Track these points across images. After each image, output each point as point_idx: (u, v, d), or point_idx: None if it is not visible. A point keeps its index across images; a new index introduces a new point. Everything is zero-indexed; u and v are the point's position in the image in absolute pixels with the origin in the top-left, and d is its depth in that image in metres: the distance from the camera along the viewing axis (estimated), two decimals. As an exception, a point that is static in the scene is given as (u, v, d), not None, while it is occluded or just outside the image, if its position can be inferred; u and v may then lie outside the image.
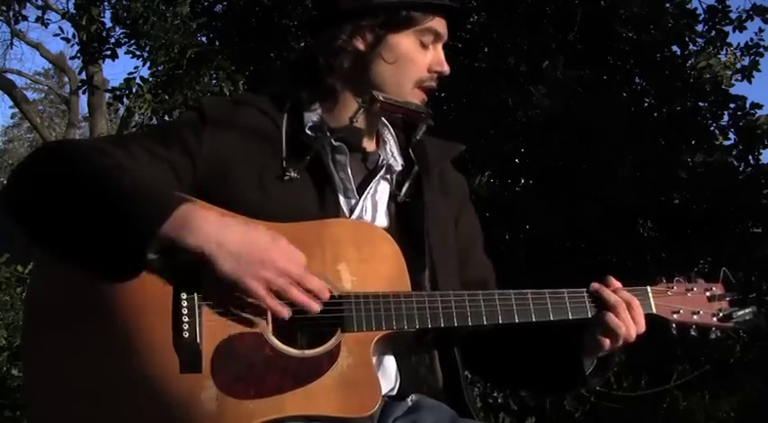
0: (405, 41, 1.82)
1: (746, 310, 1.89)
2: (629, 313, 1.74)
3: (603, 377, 1.90)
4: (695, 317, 1.85)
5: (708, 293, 1.89)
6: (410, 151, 1.93)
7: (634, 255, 5.42)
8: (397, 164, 1.90)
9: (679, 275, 1.89)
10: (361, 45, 1.82)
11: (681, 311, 1.84)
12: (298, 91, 1.88)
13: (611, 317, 1.73)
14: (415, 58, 1.83)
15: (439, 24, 1.85)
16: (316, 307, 1.57)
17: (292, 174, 1.75)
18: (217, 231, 1.50)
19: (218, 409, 1.51)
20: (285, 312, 1.55)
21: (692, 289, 1.88)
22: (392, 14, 1.81)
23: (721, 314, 1.88)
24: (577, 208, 5.28)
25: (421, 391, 1.78)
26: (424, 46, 1.84)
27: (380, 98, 1.80)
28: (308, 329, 1.61)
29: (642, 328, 1.76)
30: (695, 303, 1.87)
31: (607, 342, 1.74)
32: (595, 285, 1.78)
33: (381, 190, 1.86)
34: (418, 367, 1.83)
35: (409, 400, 1.75)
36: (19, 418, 5.73)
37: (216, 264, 1.50)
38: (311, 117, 1.85)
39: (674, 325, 1.85)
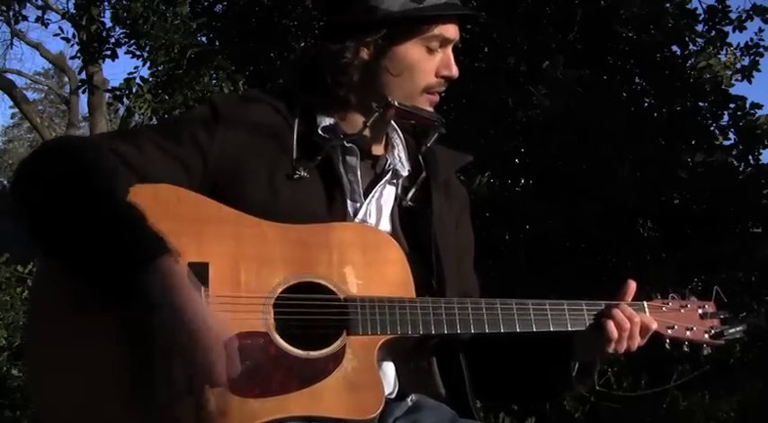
0: (411, 50, 1.80)
1: (737, 329, 1.95)
2: (638, 328, 1.79)
3: (587, 383, 1.92)
4: (688, 333, 1.91)
5: (700, 311, 1.95)
6: (420, 157, 1.93)
7: (634, 255, 5.43)
8: (404, 169, 1.90)
9: (673, 292, 1.94)
10: (366, 57, 1.80)
11: (675, 327, 1.90)
12: (309, 97, 1.86)
13: (615, 330, 1.77)
14: (421, 66, 1.81)
15: (445, 29, 1.82)
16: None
17: (302, 173, 1.75)
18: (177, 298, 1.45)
19: (223, 407, 1.51)
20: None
21: (686, 306, 1.93)
22: (396, 26, 1.79)
23: (713, 332, 1.94)
24: (577, 208, 5.28)
25: (420, 392, 1.80)
26: (431, 51, 1.82)
27: (396, 104, 1.80)
28: (313, 331, 1.61)
29: (642, 342, 1.82)
30: (689, 320, 1.92)
31: (609, 349, 1.78)
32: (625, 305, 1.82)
33: (387, 194, 1.87)
34: (417, 371, 1.84)
35: (409, 400, 1.76)
36: (19, 418, 5.72)
37: (156, 316, 1.44)
38: (324, 119, 1.84)
39: (667, 340, 1.90)
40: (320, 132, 1.82)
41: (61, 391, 1.52)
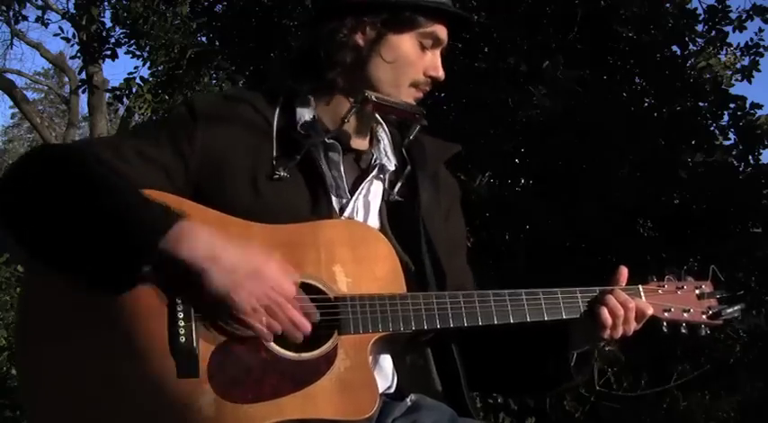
0: (405, 42, 1.81)
1: (735, 308, 1.92)
2: (633, 314, 1.78)
3: (586, 373, 1.91)
4: (686, 315, 1.88)
5: (697, 291, 1.92)
6: (404, 151, 1.92)
7: (634, 255, 5.41)
8: (391, 164, 1.89)
9: (669, 273, 1.91)
10: (360, 40, 1.81)
11: (672, 310, 1.87)
12: (294, 84, 1.86)
13: (609, 316, 1.76)
14: (413, 60, 1.82)
15: (440, 30, 1.84)
16: (299, 335, 1.56)
17: (282, 173, 1.73)
18: (211, 248, 1.50)
19: (216, 414, 1.51)
20: (268, 336, 1.55)
21: (683, 287, 1.91)
22: (396, 14, 1.80)
23: (711, 312, 1.91)
24: (577, 208, 5.27)
25: (418, 389, 1.79)
26: (423, 48, 1.83)
27: (373, 99, 1.80)
28: None
29: (638, 327, 1.80)
30: (685, 301, 1.90)
31: (605, 336, 1.77)
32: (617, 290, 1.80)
33: (374, 190, 1.86)
34: (414, 368, 1.83)
35: (408, 399, 1.75)
36: (19, 418, 5.73)
37: (208, 278, 1.49)
38: (304, 114, 1.83)
39: (665, 323, 1.87)
40: (299, 130, 1.81)
41: (54, 399, 1.52)
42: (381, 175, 1.87)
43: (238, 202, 1.68)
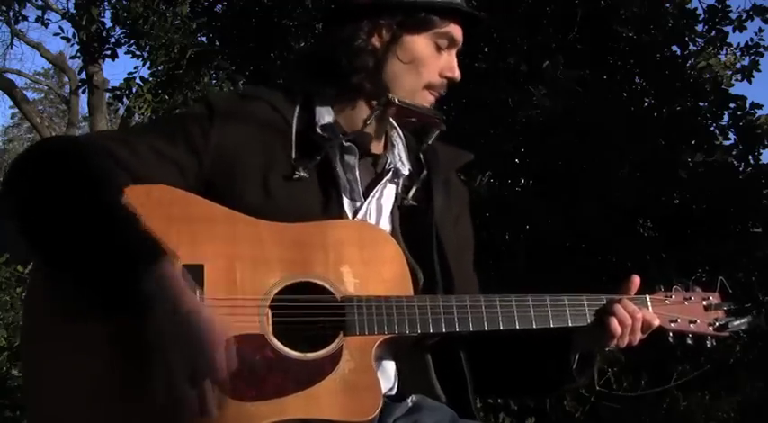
0: (421, 43, 1.82)
1: (742, 320, 1.92)
2: (639, 324, 1.78)
3: (588, 374, 1.91)
4: (692, 326, 1.88)
5: (705, 302, 1.91)
6: (421, 156, 1.93)
7: (634, 255, 5.42)
8: (405, 168, 1.89)
9: (677, 284, 1.91)
10: (377, 43, 1.81)
11: (678, 320, 1.87)
12: (313, 86, 1.86)
13: (618, 326, 1.76)
14: (428, 61, 1.83)
15: (455, 30, 1.85)
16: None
17: (302, 173, 1.74)
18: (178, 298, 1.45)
19: (219, 411, 1.50)
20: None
21: (690, 298, 1.90)
22: (411, 15, 1.81)
23: (717, 324, 1.91)
24: (577, 208, 5.27)
25: (419, 391, 1.79)
26: (438, 49, 1.84)
27: (396, 101, 1.80)
28: (309, 332, 1.61)
29: (644, 337, 1.80)
30: (692, 312, 1.89)
31: (611, 344, 1.77)
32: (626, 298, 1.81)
33: (387, 194, 1.86)
34: (414, 370, 1.83)
35: (409, 400, 1.75)
36: (19, 418, 5.72)
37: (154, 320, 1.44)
38: (323, 115, 1.83)
39: (671, 333, 1.87)
40: (319, 131, 1.81)
41: (57, 395, 1.52)
42: (395, 180, 1.87)
43: (248, 201, 1.67)
